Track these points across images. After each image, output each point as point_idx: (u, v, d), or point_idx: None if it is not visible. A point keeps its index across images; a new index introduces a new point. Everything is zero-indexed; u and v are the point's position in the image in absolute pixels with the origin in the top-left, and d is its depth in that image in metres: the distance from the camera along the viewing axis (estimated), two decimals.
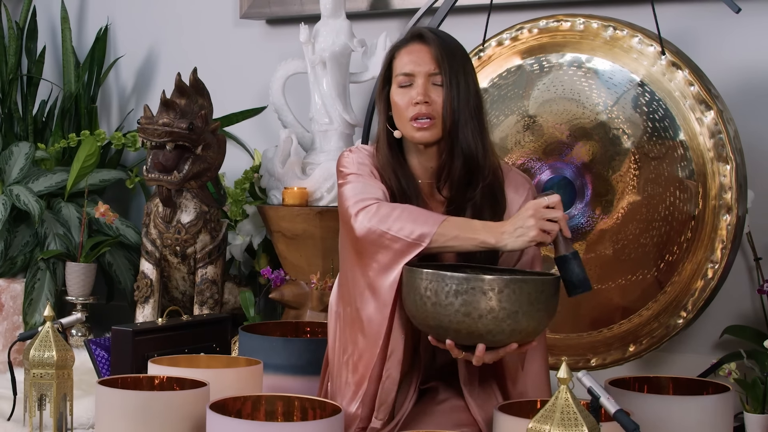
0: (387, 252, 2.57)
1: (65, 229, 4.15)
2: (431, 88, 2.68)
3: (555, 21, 3.30)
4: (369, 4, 4.05)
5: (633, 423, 2.17)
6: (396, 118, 2.73)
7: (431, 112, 2.67)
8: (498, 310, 2.39)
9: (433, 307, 2.43)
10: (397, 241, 2.55)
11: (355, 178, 2.70)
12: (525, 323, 2.42)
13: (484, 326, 2.41)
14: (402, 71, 2.70)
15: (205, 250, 3.70)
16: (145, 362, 2.90)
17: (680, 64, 3.13)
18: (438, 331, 2.48)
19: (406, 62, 2.70)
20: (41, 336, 2.73)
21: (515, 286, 2.39)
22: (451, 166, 2.70)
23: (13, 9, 4.86)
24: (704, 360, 3.36)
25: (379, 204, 2.61)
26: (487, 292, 2.39)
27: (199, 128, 3.59)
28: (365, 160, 2.74)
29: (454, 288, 2.40)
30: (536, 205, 2.51)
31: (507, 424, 2.40)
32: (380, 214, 2.58)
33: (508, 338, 2.44)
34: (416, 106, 2.67)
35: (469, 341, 2.46)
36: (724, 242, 3.08)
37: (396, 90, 2.71)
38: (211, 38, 4.51)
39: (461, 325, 2.42)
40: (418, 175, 2.76)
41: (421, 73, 2.68)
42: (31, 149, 4.25)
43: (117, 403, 2.49)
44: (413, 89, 2.68)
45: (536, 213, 2.49)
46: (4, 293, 4.03)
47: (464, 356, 2.49)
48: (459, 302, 2.40)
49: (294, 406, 2.48)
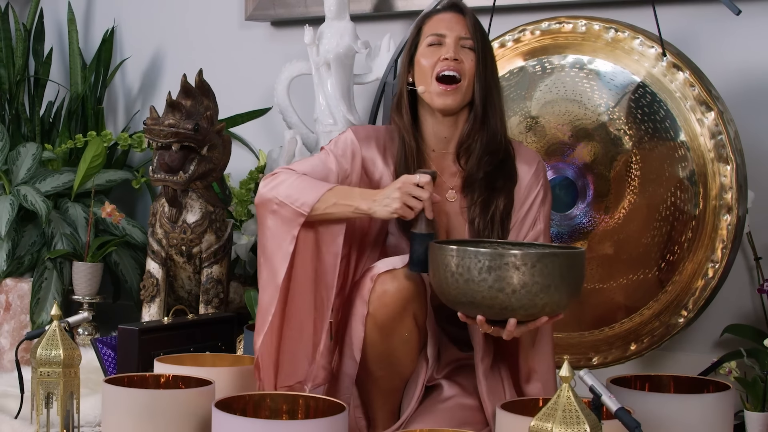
0: (276, 218, 2.64)
1: (72, 229, 4.16)
2: (461, 50, 2.73)
3: (557, 23, 3.31)
4: (373, 6, 4.06)
5: (634, 421, 2.18)
6: (420, 79, 2.75)
7: (460, 69, 2.71)
8: (531, 285, 2.40)
9: (466, 284, 2.43)
10: (283, 207, 2.62)
11: (322, 153, 2.77)
12: (557, 296, 2.43)
13: (517, 301, 2.41)
14: (433, 32, 2.74)
15: (211, 250, 3.70)
16: (151, 361, 2.89)
17: (681, 65, 3.14)
18: (469, 307, 2.48)
19: (439, 25, 2.75)
20: (48, 335, 2.73)
21: (547, 260, 2.40)
22: (477, 137, 2.75)
23: (20, 11, 4.87)
24: (705, 359, 3.36)
25: (282, 172, 2.68)
26: (520, 267, 2.39)
27: (205, 129, 3.60)
28: (348, 143, 2.78)
29: (487, 264, 2.40)
30: (406, 180, 2.57)
31: (509, 422, 2.40)
32: (276, 181, 2.66)
33: (539, 312, 2.45)
34: (444, 61, 2.70)
35: (500, 316, 2.47)
36: (725, 242, 3.08)
37: (424, 50, 2.75)
38: (216, 40, 4.52)
39: (494, 300, 2.42)
40: (430, 145, 2.79)
41: (452, 35, 2.73)
42: (38, 150, 4.26)
43: (123, 401, 2.50)
44: (443, 48, 2.73)
45: (403, 187, 2.56)
46: (12, 292, 4.04)
47: (493, 331, 2.50)
48: (492, 278, 2.40)
49: (298, 404, 2.47)
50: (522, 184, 2.79)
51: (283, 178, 2.67)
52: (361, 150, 2.77)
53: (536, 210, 2.80)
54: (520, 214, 2.79)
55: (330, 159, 2.75)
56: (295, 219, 2.63)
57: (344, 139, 2.79)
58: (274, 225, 2.66)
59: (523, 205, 2.79)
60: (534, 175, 2.80)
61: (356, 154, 2.76)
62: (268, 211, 2.66)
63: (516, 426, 2.37)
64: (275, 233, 2.66)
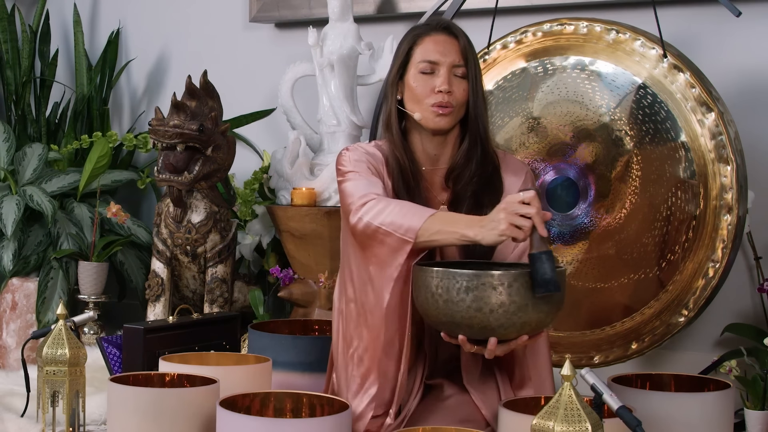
0: (383, 247, 2.60)
1: (78, 229, 4.17)
2: (453, 79, 2.73)
3: (559, 24, 3.31)
4: (376, 8, 4.06)
5: (635, 419, 2.20)
6: (412, 102, 2.75)
7: (451, 101, 2.72)
8: (508, 304, 2.43)
9: (445, 304, 2.46)
10: (389, 236, 2.58)
11: (354, 176, 2.72)
12: (534, 316, 2.45)
13: (496, 320, 2.44)
14: (427, 58, 2.73)
15: (215, 250, 3.71)
16: (156, 359, 2.90)
17: (682, 66, 3.14)
18: (451, 327, 2.51)
19: (431, 50, 2.74)
20: (54, 334, 2.74)
21: (523, 280, 2.43)
22: (471, 155, 2.75)
23: (26, 13, 4.89)
24: (705, 357, 3.37)
25: (378, 199, 2.63)
26: (497, 287, 2.42)
27: (209, 130, 3.60)
28: (362, 157, 2.76)
29: (464, 284, 2.44)
30: (510, 199, 2.48)
31: (511, 420, 2.41)
32: (376, 209, 2.61)
33: (518, 331, 2.47)
34: (439, 94, 2.71)
35: (481, 335, 2.49)
36: (725, 242, 3.09)
37: (416, 75, 2.74)
38: (221, 41, 4.53)
39: (473, 320, 2.45)
40: (420, 161, 2.80)
41: (445, 63, 2.72)
42: (44, 150, 4.26)
43: (128, 400, 2.51)
44: (436, 78, 2.72)
45: (508, 207, 2.46)
46: (18, 292, 4.04)
47: (476, 350, 2.52)
48: (470, 298, 2.43)
49: (302, 403, 2.49)
50: (510, 193, 2.74)
51: (382, 206, 2.61)
52: (370, 161, 2.77)
53: None
54: None
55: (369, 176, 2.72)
56: (401, 247, 2.58)
57: (353, 157, 2.76)
58: (380, 252, 2.62)
59: None
60: (522, 186, 2.80)
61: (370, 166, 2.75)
62: (375, 242, 2.62)
63: (518, 424, 2.38)
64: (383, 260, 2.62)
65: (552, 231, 3.29)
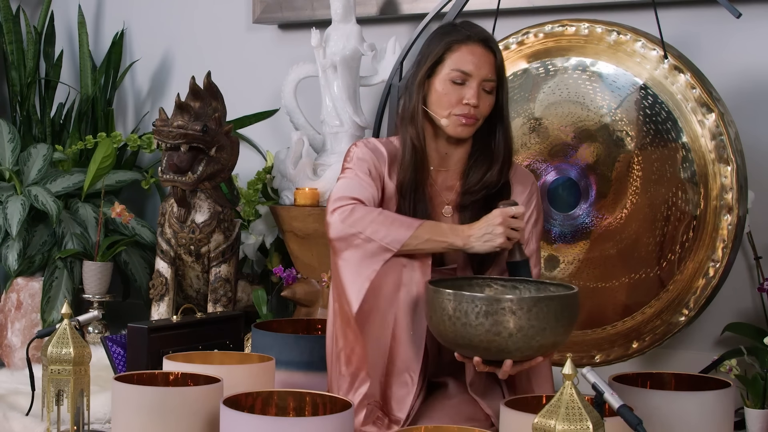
0: (356, 251, 2.66)
1: (82, 229, 4.17)
2: (482, 93, 2.76)
3: (560, 26, 3.32)
4: (378, 10, 4.06)
5: (636, 418, 2.20)
6: (436, 105, 2.78)
7: (477, 114, 2.76)
8: (528, 328, 2.44)
9: (463, 328, 2.46)
10: (370, 242, 2.64)
11: (350, 174, 2.77)
12: (552, 338, 2.47)
13: (514, 344, 2.45)
14: (460, 68, 2.75)
15: (219, 249, 3.71)
16: (160, 358, 2.90)
17: (682, 67, 3.15)
18: (467, 349, 2.52)
19: (467, 61, 2.75)
20: (59, 333, 2.74)
21: (543, 304, 2.44)
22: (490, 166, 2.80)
23: (31, 14, 4.90)
24: (706, 356, 3.37)
25: (355, 206, 2.69)
26: (516, 311, 2.43)
27: (213, 130, 3.61)
28: (366, 155, 2.80)
29: (484, 309, 2.44)
30: (504, 213, 2.65)
31: (513, 419, 2.41)
32: (354, 216, 2.67)
33: (535, 353, 2.50)
34: (465, 106, 2.74)
35: (497, 357, 2.50)
36: (725, 241, 3.10)
37: (446, 82, 2.76)
38: (224, 43, 4.53)
39: (491, 344, 2.46)
40: (431, 160, 2.83)
41: (478, 77, 2.75)
42: (48, 151, 4.27)
43: (133, 399, 2.51)
44: (466, 89, 2.75)
45: (504, 221, 2.64)
46: (23, 291, 4.04)
47: (489, 369, 2.55)
48: (489, 323, 2.44)
49: (305, 402, 2.49)
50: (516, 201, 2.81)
51: (363, 212, 2.68)
52: (374, 161, 2.80)
53: (529, 231, 2.84)
54: None
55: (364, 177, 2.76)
56: (380, 254, 2.66)
57: (358, 154, 2.81)
58: (352, 258, 2.68)
59: None
60: (527, 196, 2.85)
61: (372, 166, 2.79)
62: (350, 245, 2.68)
63: (519, 423, 2.38)
64: (353, 265, 2.69)
65: (553, 231, 3.30)
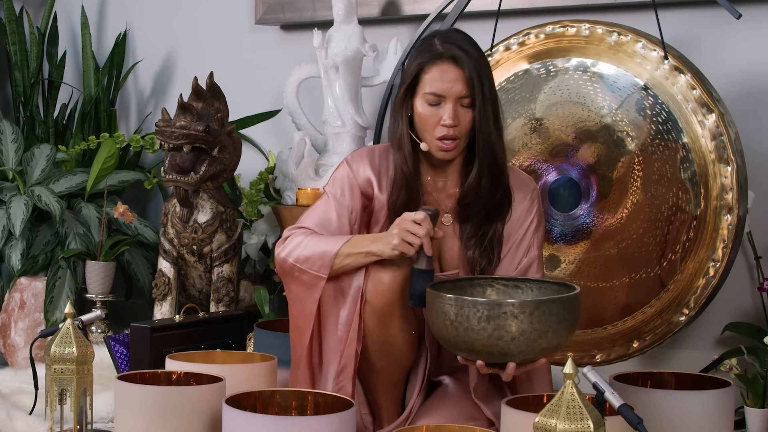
0: (299, 284, 2.71)
1: (85, 229, 4.18)
2: (459, 109, 2.71)
3: (561, 26, 3.33)
4: (380, 10, 4.06)
5: (636, 417, 2.20)
6: (420, 128, 2.76)
7: (457, 133, 2.72)
8: (530, 332, 2.43)
9: (465, 332, 2.46)
10: (304, 273, 2.69)
11: (323, 199, 2.81)
12: (554, 340, 2.47)
13: (517, 347, 2.45)
14: (432, 90, 2.71)
15: (221, 249, 3.72)
16: (162, 358, 2.90)
17: (682, 68, 3.15)
18: (469, 353, 2.51)
19: (436, 81, 2.70)
20: (62, 332, 2.74)
21: (545, 307, 2.44)
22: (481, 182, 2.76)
23: (34, 15, 4.90)
24: (706, 356, 3.37)
25: (293, 234, 2.74)
26: (518, 315, 2.43)
27: (216, 131, 3.61)
28: (346, 176, 2.81)
29: (486, 313, 2.43)
30: (404, 216, 2.61)
31: (514, 418, 2.42)
32: (290, 246, 2.72)
33: (538, 355, 2.49)
34: (443, 127, 2.70)
35: (500, 360, 2.50)
36: (725, 241, 3.10)
37: (423, 105, 2.73)
38: (227, 43, 4.53)
39: (494, 348, 2.45)
40: (426, 171, 2.82)
41: (451, 96, 2.70)
42: (52, 151, 4.28)
43: (135, 398, 2.51)
44: (442, 110, 2.71)
45: (401, 224, 2.60)
46: (26, 291, 4.05)
47: (493, 371, 2.55)
48: (491, 327, 2.43)
49: (307, 401, 2.49)
50: (516, 212, 2.81)
51: (297, 241, 2.72)
52: (357, 179, 2.81)
53: (530, 237, 2.83)
54: (514, 240, 2.82)
55: (330, 205, 2.79)
56: (316, 283, 2.70)
57: (340, 176, 2.83)
58: (297, 289, 2.73)
59: (518, 232, 2.82)
60: (529, 202, 2.83)
61: (353, 186, 2.80)
62: (292, 279, 2.73)
63: (520, 422, 2.38)
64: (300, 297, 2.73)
65: (554, 231, 3.31)
